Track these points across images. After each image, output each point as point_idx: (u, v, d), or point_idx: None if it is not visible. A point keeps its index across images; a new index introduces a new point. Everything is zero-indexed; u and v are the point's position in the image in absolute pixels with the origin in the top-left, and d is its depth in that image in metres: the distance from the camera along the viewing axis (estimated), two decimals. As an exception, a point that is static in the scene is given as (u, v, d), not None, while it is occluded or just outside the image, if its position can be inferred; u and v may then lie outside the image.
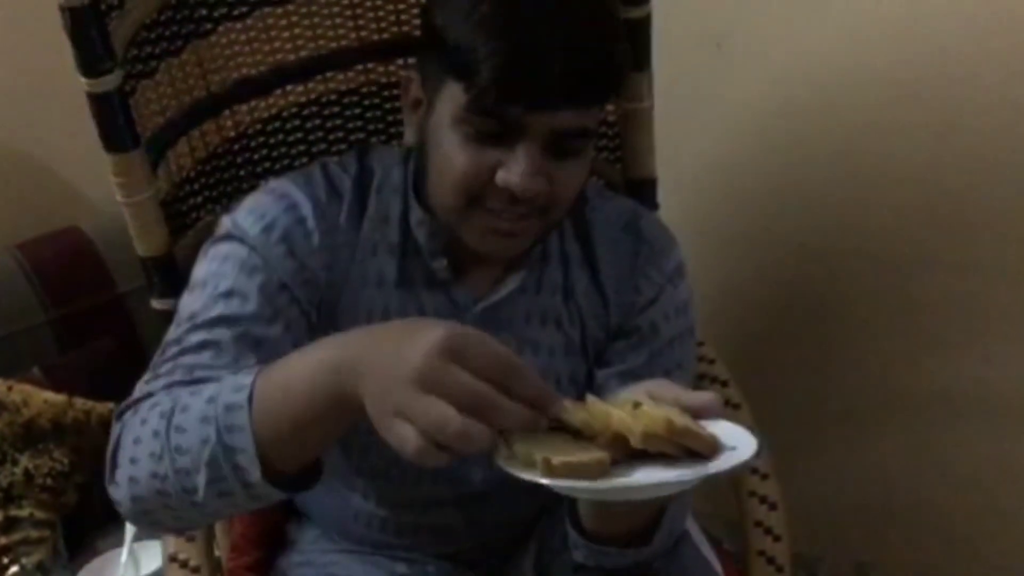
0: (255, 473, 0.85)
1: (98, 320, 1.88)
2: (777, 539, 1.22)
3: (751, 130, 1.66)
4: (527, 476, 0.81)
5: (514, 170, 0.96)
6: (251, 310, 1.01)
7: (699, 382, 1.35)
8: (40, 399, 1.69)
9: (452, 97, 0.97)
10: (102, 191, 1.85)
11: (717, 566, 1.20)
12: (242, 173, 1.34)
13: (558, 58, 0.92)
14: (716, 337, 1.45)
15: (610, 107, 1.31)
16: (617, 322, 1.13)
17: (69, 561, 1.66)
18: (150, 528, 0.96)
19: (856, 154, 1.56)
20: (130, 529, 1.60)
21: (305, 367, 0.84)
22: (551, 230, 1.06)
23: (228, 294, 1.01)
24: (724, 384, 1.35)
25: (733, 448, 0.85)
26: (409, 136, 1.06)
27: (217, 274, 1.03)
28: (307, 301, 1.05)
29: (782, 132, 1.63)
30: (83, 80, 1.12)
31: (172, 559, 1.20)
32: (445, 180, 1.00)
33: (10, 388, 1.67)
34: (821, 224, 1.63)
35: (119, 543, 1.63)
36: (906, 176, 1.52)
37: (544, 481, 0.80)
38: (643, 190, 1.33)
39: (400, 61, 1.35)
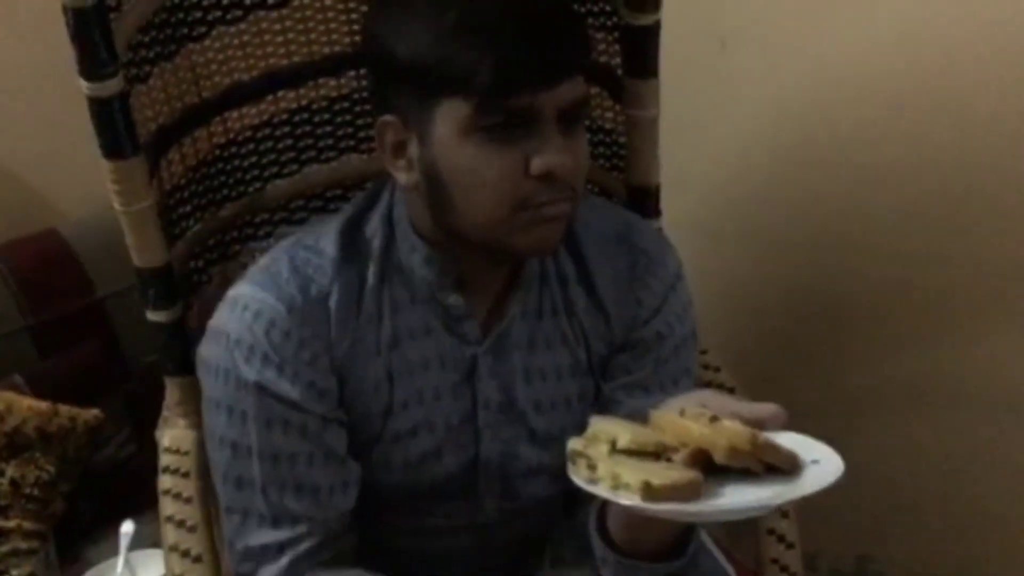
0: None
1: (78, 325, 1.83)
2: (790, 546, 1.22)
3: (756, 131, 1.65)
4: (622, 500, 0.79)
5: (547, 152, 0.95)
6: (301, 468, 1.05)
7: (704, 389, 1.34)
8: (24, 406, 1.65)
9: (450, 114, 0.95)
10: (79, 193, 1.82)
11: (733, 574, 1.20)
12: (231, 181, 1.32)
13: (541, 32, 0.93)
14: (721, 339, 1.44)
15: (609, 114, 1.31)
16: (621, 337, 1.12)
17: (60, 573, 1.62)
18: None
19: (862, 154, 1.55)
20: (125, 537, 1.55)
21: None
22: (576, 211, 1.03)
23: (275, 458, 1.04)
24: (731, 391, 1.33)
25: (815, 461, 0.83)
26: (404, 178, 1.01)
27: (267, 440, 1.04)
28: (331, 411, 1.05)
29: (788, 132, 1.62)
30: (85, 84, 1.08)
31: (173, 549, 1.15)
32: (481, 195, 0.96)
33: (-7, 396, 1.63)
34: (827, 225, 1.63)
35: (110, 552, 1.58)
36: (913, 176, 1.52)
37: (642, 505, 0.78)
38: (646, 197, 1.32)
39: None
